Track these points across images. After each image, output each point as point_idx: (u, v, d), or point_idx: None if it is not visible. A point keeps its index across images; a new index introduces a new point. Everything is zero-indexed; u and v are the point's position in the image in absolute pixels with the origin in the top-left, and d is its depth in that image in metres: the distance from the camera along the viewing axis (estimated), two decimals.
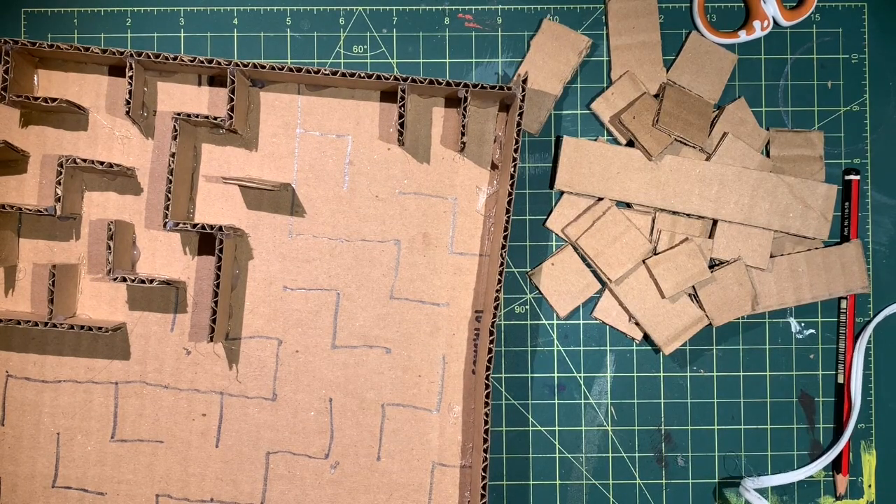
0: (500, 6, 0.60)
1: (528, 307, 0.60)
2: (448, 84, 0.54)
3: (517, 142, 0.54)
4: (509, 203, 0.54)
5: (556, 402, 0.60)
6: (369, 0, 0.60)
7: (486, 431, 0.54)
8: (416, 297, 0.58)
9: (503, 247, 0.54)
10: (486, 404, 0.54)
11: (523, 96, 0.54)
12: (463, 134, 0.55)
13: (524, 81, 0.54)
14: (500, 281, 0.54)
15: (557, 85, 0.59)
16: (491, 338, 0.54)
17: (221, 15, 0.60)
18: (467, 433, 0.58)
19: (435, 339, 0.58)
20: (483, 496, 0.53)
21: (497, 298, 0.54)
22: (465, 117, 0.55)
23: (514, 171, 0.54)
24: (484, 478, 0.53)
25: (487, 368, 0.54)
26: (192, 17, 0.59)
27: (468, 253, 0.58)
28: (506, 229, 0.54)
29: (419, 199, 0.58)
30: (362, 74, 0.54)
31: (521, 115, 0.54)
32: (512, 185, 0.54)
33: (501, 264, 0.54)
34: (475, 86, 0.54)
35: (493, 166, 0.58)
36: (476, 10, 0.60)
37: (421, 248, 0.58)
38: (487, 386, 0.54)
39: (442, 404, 0.58)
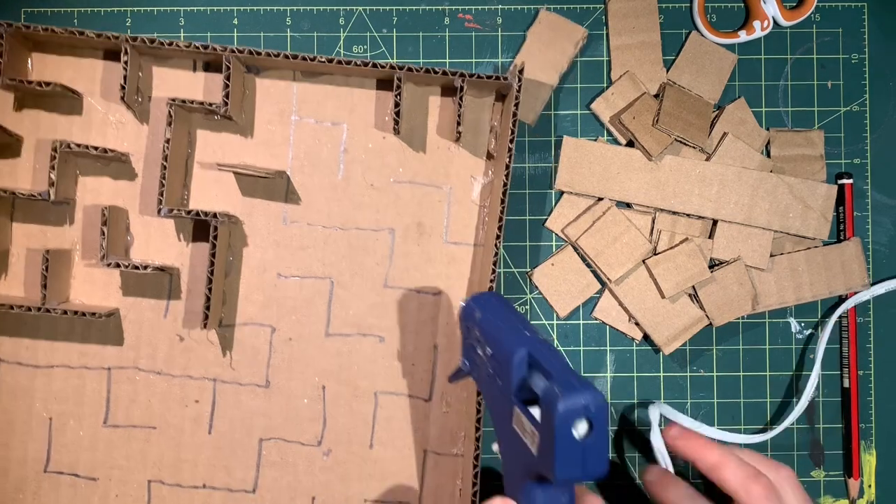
0: (500, 6, 0.60)
1: (528, 307, 0.60)
2: (444, 73, 0.54)
3: (513, 132, 0.54)
4: (504, 193, 0.54)
5: None
6: (369, 0, 0.59)
7: (478, 420, 0.54)
8: (410, 285, 0.58)
9: (497, 236, 0.54)
10: (479, 393, 0.54)
11: (519, 86, 0.54)
12: (459, 123, 0.55)
13: (520, 71, 0.54)
14: (493, 271, 0.54)
15: (554, 75, 0.59)
16: None
17: (221, 15, 0.59)
18: (460, 422, 0.58)
19: (428, 327, 0.58)
20: (475, 484, 0.53)
21: (491, 289, 0.54)
22: (461, 107, 0.55)
23: (510, 161, 0.54)
24: (476, 466, 0.54)
25: None
26: (192, 17, 0.59)
27: (462, 242, 0.58)
28: (500, 219, 0.54)
29: (414, 188, 0.58)
30: (358, 62, 0.54)
31: (517, 105, 0.54)
32: (507, 175, 0.54)
33: (496, 254, 0.54)
34: (471, 75, 0.54)
35: (489, 156, 0.58)
36: (476, 10, 0.60)
37: (415, 237, 0.58)
38: None
39: (435, 393, 0.58)
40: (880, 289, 0.60)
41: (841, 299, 0.60)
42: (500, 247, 0.55)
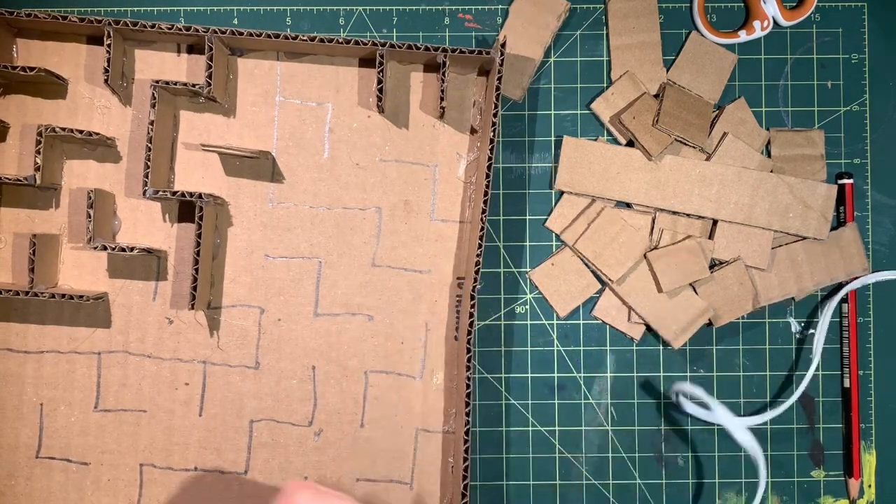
0: (500, 6, 0.60)
1: (528, 307, 0.60)
2: (427, 49, 0.54)
3: (496, 106, 0.54)
4: (489, 168, 0.54)
5: (556, 402, 0.60)
6: (369, 0, 0.59)
7: (468, 395, 0.54)
8: (397, 264, 0.58)
9: (483, 211, 0.54)
10: (468, 368, 0.54)
11: (502, 60, 0.54)
12: (442, 99, 0.55)
13: (503, 46, 0.54)
14: (480, 246, 0.54)
15: (538, 49, 0.59)
16: (472, 303, 0.54)
17: (221, 15, 0.59)
18: (450, 399, 0.58)
19: (417, 305, 0.58)
20: (466, 460, 0.53)
21: (478, 264, 0.54)
22: (444, 82, 0.55)
23: (494, 136, 0.54)
24: (467, 442, 0.53)
25: (469, 334, 0.54)
26: (192, 17, 0.59)
27: (449, 220, 0.58)
28: (486, 193, 0.54)
29: (400, 167, 0.58)
30: (340, 40, 0.54)
31: (499, 79, 0.54)
32: (492, 150, 0.54)
33: (482, 229, 0.54)
34: (454, 50, 0.54)
35: (473, 131, 0.58)
36: (476, 10, 0.60)
37: (402, 215, 0.58)
38: (469, 351, 0.54)
39: (425, 371, 0.58)
40: (879, 276, 0.59)
41: (841, 286, 0.60)
42: (486, 221, 0.55)
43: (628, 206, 0.59)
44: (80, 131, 0.53)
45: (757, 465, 0.56)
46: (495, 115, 0.54)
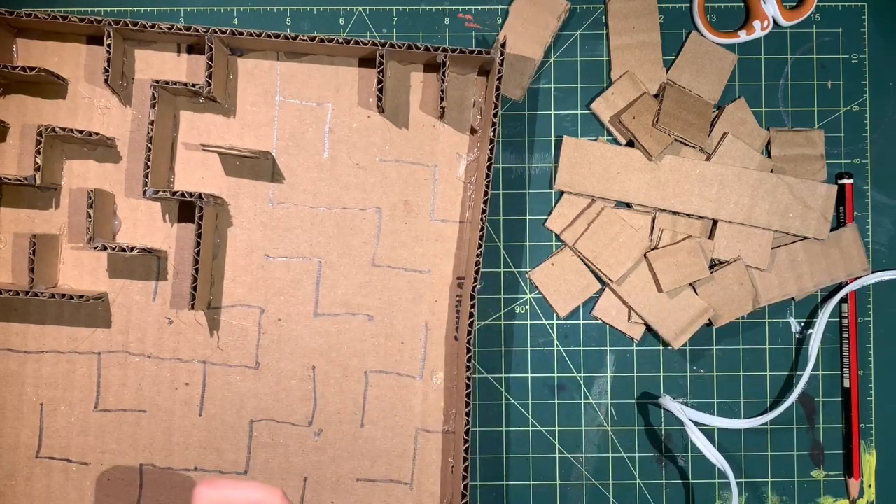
0: (500, 6, 0.60)
1: (528, 307, 0.60)
2: (427, 49, 0.54)
3: (496, 106, 0.54)
4: (489, 168, 0.54)
5: (556, 402, 0.60)
6: (369, 0, 0.59)
7: (468, 395, 0.54)
8: (397, 264, 0.58)
9: (483, 211, 0.54)
10: (469, 368, 0.54)
11: (502, 60, 0.54)
12: (442, 99, 0.55)
13: (503, 46, 0.54)
14: (480, 246, 0.54)
15: (538, 49, 0.59)
16: (472, 303, 0.54)
17: (221, 15, 0.59)
18: (450, 399, 0.58)
19: (417, 305, 0.58)
20: (465, 459, 0.53)
21: (478, 264, 0.54)
22: (444, 82, 0.55)
23: (494, 136, 0.54)
24: (466, 442, 0.53)
25: (469, 334, 0.54)
26: (192, 17, 0.59)
27: (449, 220, 0.58)
28: (486, 193, 0.54)
29: (400, 167, 0.58)
30: (340, 40, 0.54)
31: (499, 79, 0.54)
32: (492, 150, 0.54)
33: (482, 230, 0.54)
34: (454, 50, 0.54)
35: (473, 131, 0.58)
36: (476, 10, 0.60)
37: (402, 215, 0.58)
38: (469, 351, 0.54)
39: (425, 371, 0.58)
40: (879, 276, 0.59)
41: (841, 286, 0.60)
42: (486, 221, 0.55)
43: (628, 206, 0.59)
44: (80, 131, 0.53)
45: (729, 483, 0.57)
46: (495, 115, 0.54)
